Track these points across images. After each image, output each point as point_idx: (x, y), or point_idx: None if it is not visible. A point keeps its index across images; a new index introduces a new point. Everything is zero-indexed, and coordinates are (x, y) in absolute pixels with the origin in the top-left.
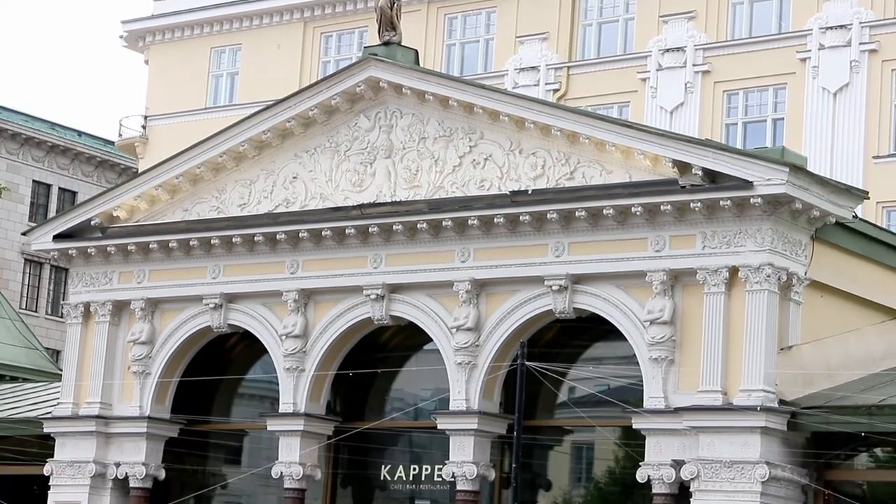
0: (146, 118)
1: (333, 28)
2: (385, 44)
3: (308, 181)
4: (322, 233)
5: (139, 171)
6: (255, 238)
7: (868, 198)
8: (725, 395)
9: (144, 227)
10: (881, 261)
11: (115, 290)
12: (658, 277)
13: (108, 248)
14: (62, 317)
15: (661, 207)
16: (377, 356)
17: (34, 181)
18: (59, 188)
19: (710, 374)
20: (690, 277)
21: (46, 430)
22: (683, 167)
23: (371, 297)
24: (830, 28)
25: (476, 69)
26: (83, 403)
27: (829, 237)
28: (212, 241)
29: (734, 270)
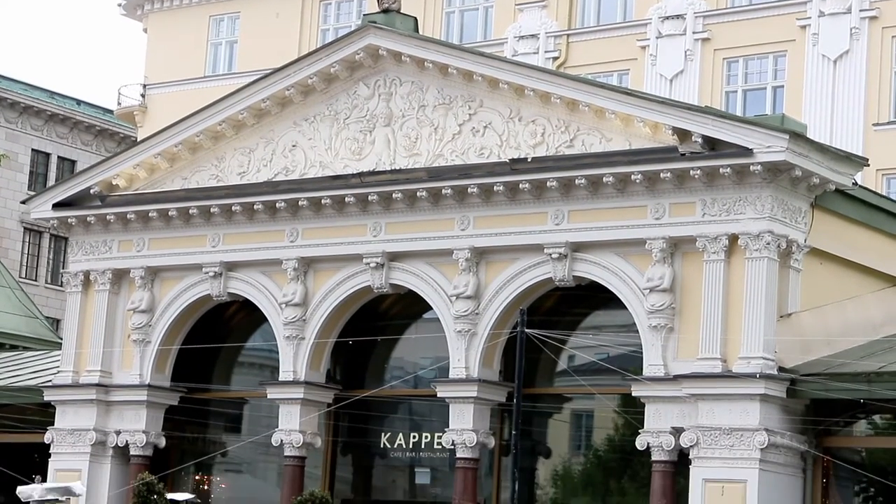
0: (145, 87)
1: None
2: (384, 11)
3: (307, 149)
4: (321, 201)
5: (138, 140)
6: (255, 206)
7: (868, 165)
8: (725, 363)
9: (144, 196)
10: (881, 228)
11: (115, 259)
12: (658, 245)
13: (108, 217)
14: (62, 285)
15: (661, 175)
16: (377, 325)
17: (33, 150)
18: (59, 157)
19: (710, 342)
20: (690, 245)
21: (47, 399)
22: (683, 135)
23: (370, 266)
24: None
25: (475, 37)
26: (83, 372)
27: (829, 204)
28: (211, 210)
29: (734, 238)
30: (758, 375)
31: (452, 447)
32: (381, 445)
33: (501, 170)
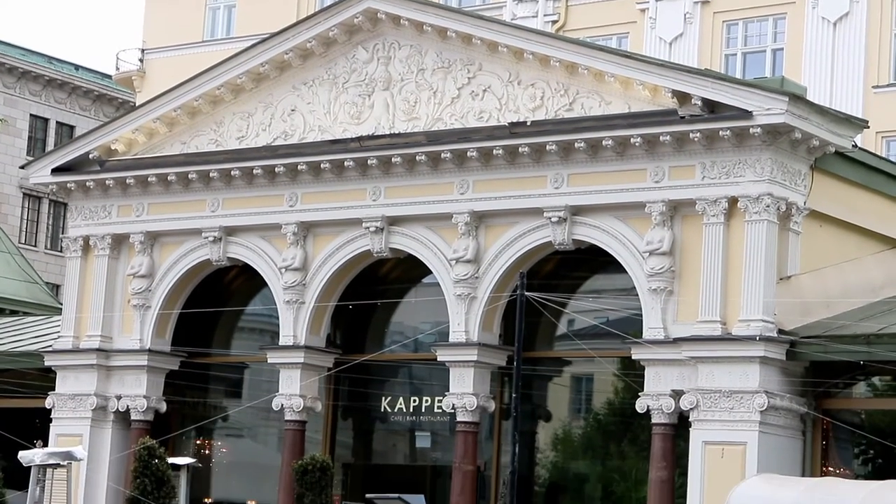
0: (143, 51)
1: None
2: None
3: (306, 113)
4: (321, 165)
5: (136, 105)
6: (254, 171)
7: (868, 127)
8: (724, 326)
9: (143, 161)
10: (881, 190)
11: (114, 224)
12: (657, 208)
13: (107, 182)
14: (61, 251)
15: (661, 138)
16: (377, 289)
17: (31, 115)
18: (57, 122)
19: (710, 305)
20: (690, 208)
21: (47, 364)
22: (683, 97)
23: (370, 230)
24: None
25: (474, 0)
26: (84, 337)
27: (829, 167)
28: (210, 174)
29: (733, 201)
30: (757, 338)
31: (453, 411)
32: (382, 409)
33: (501, 133)
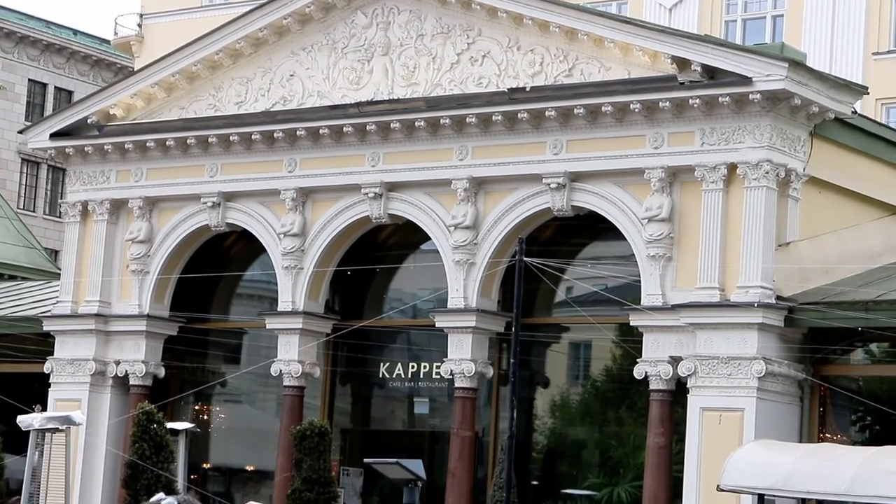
0: (142, 16)
1: None
2: None
3: (305, 79)
4: (320, 131)
5: (135, 70)
6: (253, 136)
7: (867, 93)
8: (723, 292)
9: (141, 126)
10: (880, 157)
11: (113, 189)
12: (656, 174)
13: (105, 147)
14: (60, 217)
15: (660, 104)
16: (375, 255)
17: (30, 80)
18: (55, 87)
19: (708, 271)
20: (689, 174)
21: (46, 329)
22: (682, 64)
23: (369, 196)
24: None
25: None
26: (82, 302)
27: (828, 133)
28: (209, 140)
29: (732, 167)
30: (756, 304)
31: (451, 377)
32: (380, 375)
33: (500, 99)
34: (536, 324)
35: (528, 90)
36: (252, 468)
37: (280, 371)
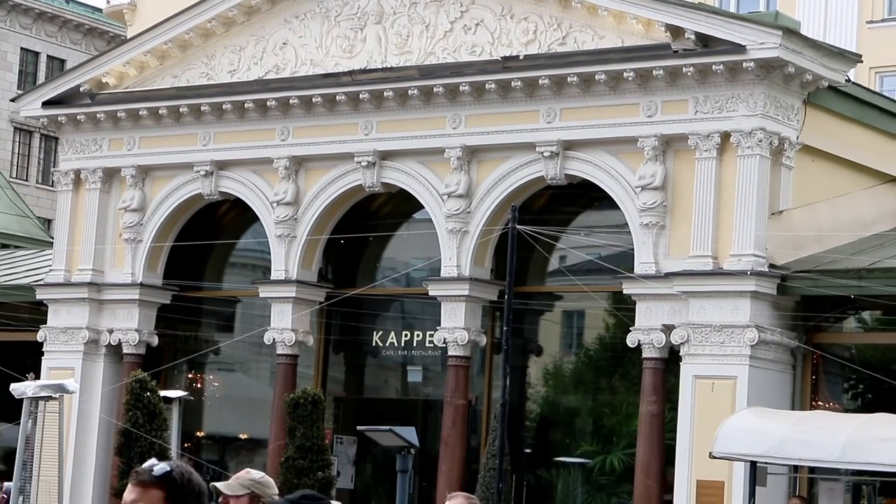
0: None
1: None
2: None
3: (298, 47)
4: (313, 99)
5: (127, 38)
6: (246, 105)
7: (861, 62)
8: (716, 260)
9: (134, 94)
10: (873, 125)
11: (106, 158)
12: (650, 143)
13: (98, 115)
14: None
15: (654, 72)
16: (368, 223)
17: (22, 49)
18: (48, 56)
19: (701, 239)
20: (682, 143)
21: (39, 297)
22: (676, 32)
23: (362, 164)
24: None
25: None
26: (75, 270)
27: (822, 101)
28: (202, 108)
29: (726, 135)
30: (749, 272)
31: (444, 345)
32: (373, 344)
33: (493, 68)
34: (529, 292)
35: (522, 58)
36: (245, 436)
37: (273, 339)
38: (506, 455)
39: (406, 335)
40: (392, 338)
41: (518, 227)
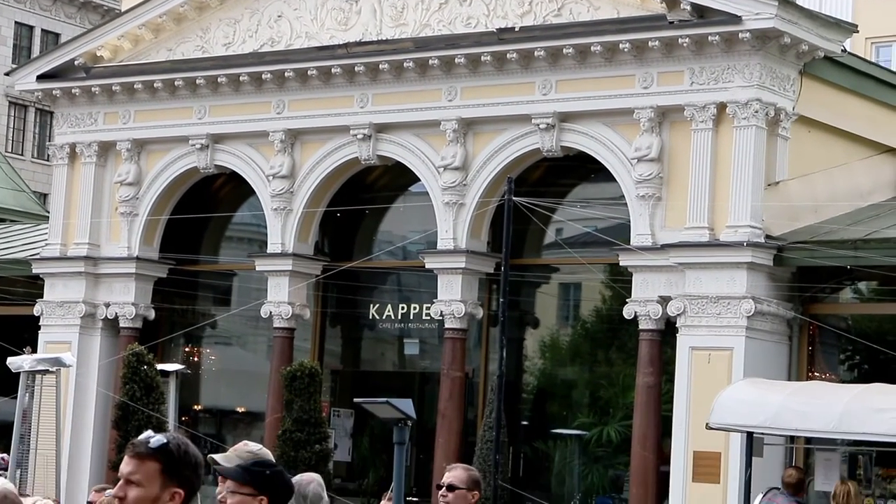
0: None
1: None
2: None
3: (293, 20)
4: (308, 72)
5: (122, 11)
6: (241, 78)
7: (857, 31)
8: (712, 231)
9: (128, 67)
10: (869, 95)
11: (101, 131)
12: (646, 114)
13: (93, 89)
14: (48, 160)
15: (649, 43)
16: (364, 196)
17: (16, 22)
18: (42, 30)
19: (697, 211)
20: (678, 114)
21: (35, 271)
22: (672, 2)
23: (358, 137)
24: None
25: None
26: (71, 244)
27: (818, 72)
28: (197, 81)
29: (722, 106)
30: (745, 244)
31: (441, 318)
32: (370, 317)
33: (489, 39)
34: (526, 264)
35: (517, 30)
36: (243, 410)
37: (270, 313)
38: (503, 427)
39: (403, 308)
40: (389, 311)
41: (514, 200)
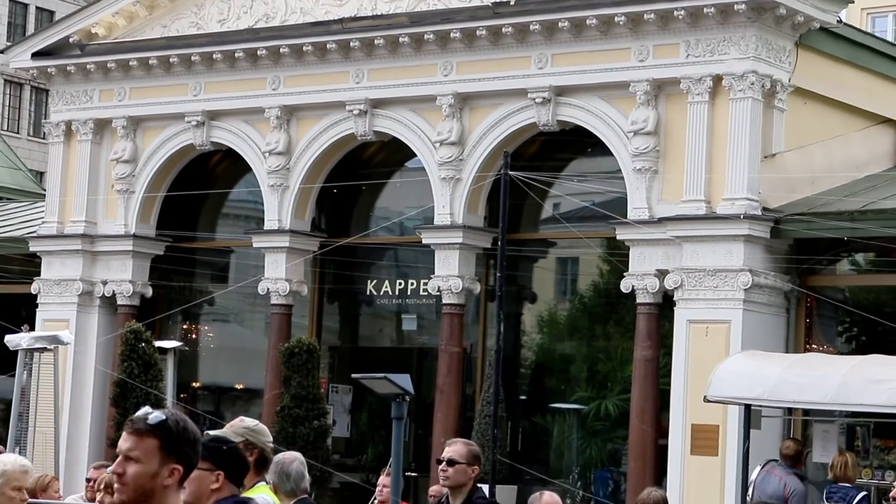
0: None
1: None
2: None
3: None
4: (303, 48)
5: None
6: (236, 54)
7: (853, 2)
8: (709, 204)
9: (123, 44)
10: (865, 66)
11: (97, 109)
12: (642, 88)
13: (88, 66)
14: (44, 138)
15: (645, 16)
16: (361, 172)
17: (11, 0)
18: (37, 7)
19: (694, 184)
20: (674, 87)
21: (32, 249)
22: None
23: (354, 113)
24: None
25: None
26: (68, 222)
27: (814, 43)
28: (192, 58)
29: (718, 79)
30: (742, 216)
31: (438, 293)
32: (368, 293)
33: (484, 14)
34: (523, 239)
35: (513, 4)
36: (241, 386)
37: (267, 289)
38: (501, 402)
39: (400, 283)
40: (386, 286)
41: (511, 174)
